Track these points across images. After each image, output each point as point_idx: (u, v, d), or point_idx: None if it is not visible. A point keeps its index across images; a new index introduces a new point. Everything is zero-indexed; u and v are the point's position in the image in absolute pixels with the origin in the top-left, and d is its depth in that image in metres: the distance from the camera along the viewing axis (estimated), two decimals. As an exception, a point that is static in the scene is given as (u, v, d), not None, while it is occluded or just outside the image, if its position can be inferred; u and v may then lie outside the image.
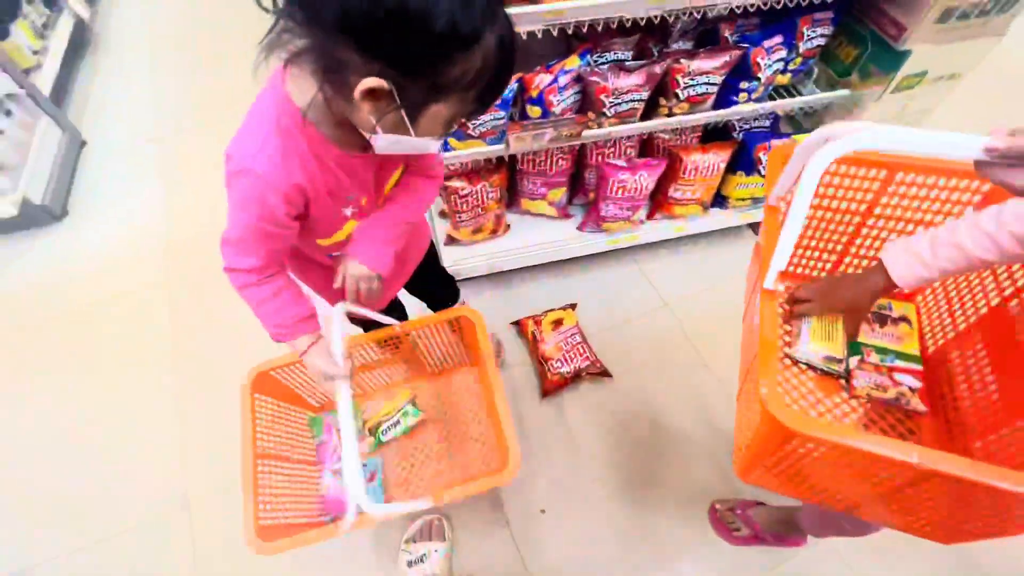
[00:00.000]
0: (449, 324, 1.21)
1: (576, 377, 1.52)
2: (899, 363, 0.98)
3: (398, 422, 1.35)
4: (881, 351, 1.00)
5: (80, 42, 2.59)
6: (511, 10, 1.00)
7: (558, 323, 1.61)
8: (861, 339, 1.01)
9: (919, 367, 0.98)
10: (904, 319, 1.03)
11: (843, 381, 0.98)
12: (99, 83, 2.50)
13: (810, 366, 0.99)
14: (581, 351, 1.54)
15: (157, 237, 1.90)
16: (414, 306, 1.34)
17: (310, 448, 1.31)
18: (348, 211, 0.79)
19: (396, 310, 1.28)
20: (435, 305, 1.37)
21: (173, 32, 2.74)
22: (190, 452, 1.46)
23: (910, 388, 0.95)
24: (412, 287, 1.23)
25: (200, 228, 1.90)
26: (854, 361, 0.99)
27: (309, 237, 0.81)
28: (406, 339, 1.20)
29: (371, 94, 0.55)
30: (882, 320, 1.03)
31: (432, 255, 1.19)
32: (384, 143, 0.63)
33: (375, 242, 0.85)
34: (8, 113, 1.89)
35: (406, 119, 0.59)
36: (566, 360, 1.52)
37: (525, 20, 1.01)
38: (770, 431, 0.65)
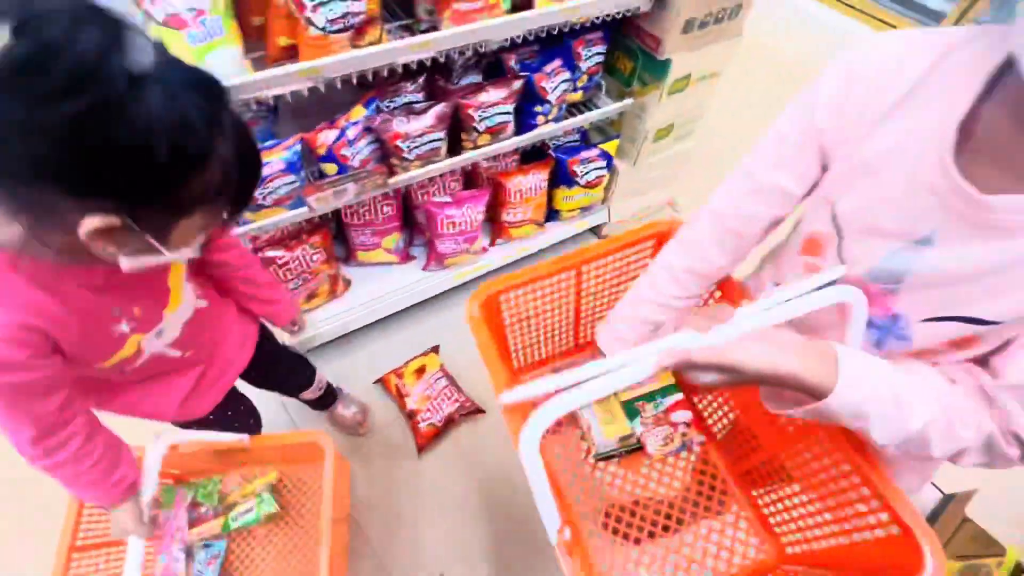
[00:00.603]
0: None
1: (449, 423, 1.47)
2: (668, 399, 0.95)
3: (251, 509, 1.19)
4: (650, 398, 0.95)
5: None
6: (268, 73, 0.94)
7: (421, 371, 1.55)
8: (625, 396, 0.95)
9: (680, 395, 0.96)
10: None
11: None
12: None
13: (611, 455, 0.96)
14: (449, 394, 1.49)
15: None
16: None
17: None
18: (123, 326, 0.68)
19: (248, 414, 1.13)
20: (291, 392, 1.25)
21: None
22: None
23: (685, 423, 0.94)
24: (256, 379, 1.11)
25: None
26: (639, 425, 0.94)
27: (87, 367, 0.68)
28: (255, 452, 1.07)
29: (101, 232, 0.47)
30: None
31: (266, 337, 1.06)
32: (132, 264, 0.54)
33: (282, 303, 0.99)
34: None
35: (152, 241, 0.51)
36: (434, 408, 1.46)
37: (282, 82, 0.94)
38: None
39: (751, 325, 0.52)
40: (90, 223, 0.46)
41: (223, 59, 0.90)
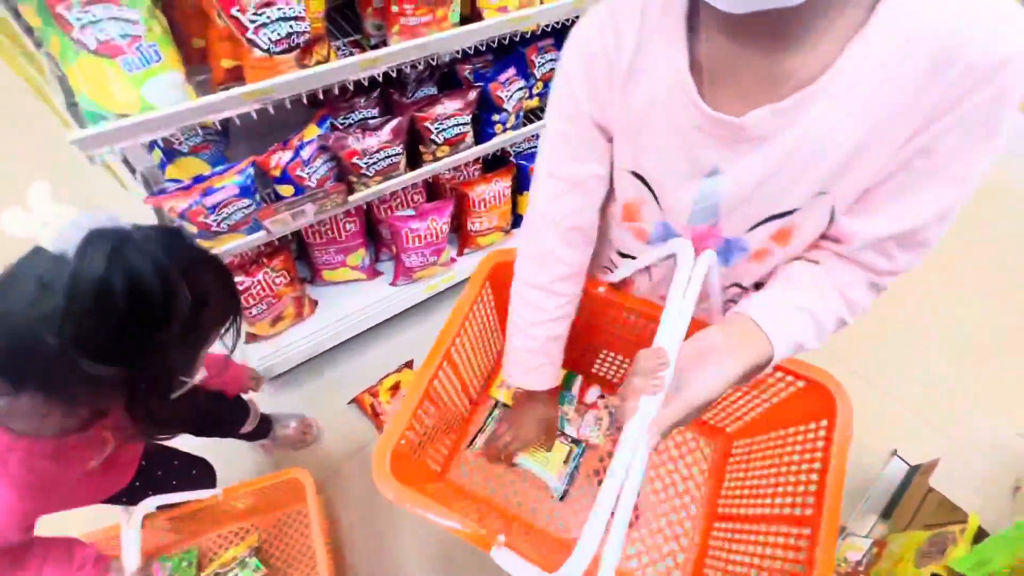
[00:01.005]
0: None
1: (427, 438, 1.45)
2: (574, 388, 1.08)
3: (236, 574, 1.16)
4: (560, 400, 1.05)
5: None
6: (212, 98, 0.91)
7: (396, 387, 1.53)
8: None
9: (579, 376, 1.09)
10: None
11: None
12: None
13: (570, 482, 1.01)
14: (426, 409, 1.48)
15: None
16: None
17: None
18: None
19: (187, 467, 1.10)
20: (229, 433, 1.21)
21: None
22: None
23: (600, 396, 1.03)
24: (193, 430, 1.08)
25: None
26: (568, 426, 1.03)
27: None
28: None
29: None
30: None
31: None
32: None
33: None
34: None
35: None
36: (412, 425, 1.44)
37: (228, 106, 0.92)
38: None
39: (677, 350, 0.54)
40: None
41: (162, 86, 0.87)
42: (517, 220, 1.77)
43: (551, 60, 1.46)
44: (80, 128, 0.85)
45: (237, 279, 1.27)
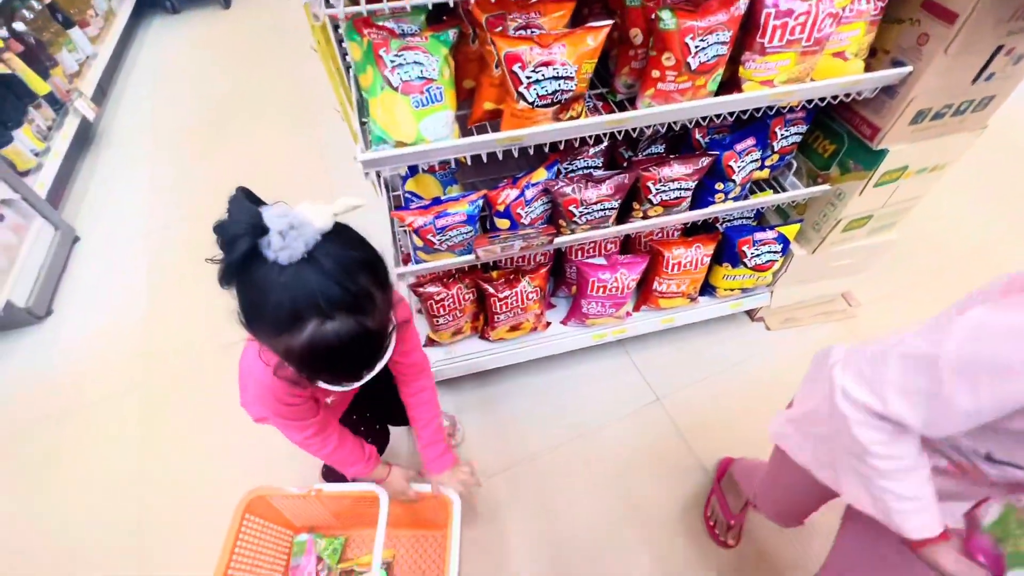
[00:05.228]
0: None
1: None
2: None
3: None
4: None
5: (84, 139, 2.69)
6: (473, 139, 0.99)
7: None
8: None
9: None
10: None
11: None
12: (99, 178, 2.57)
13: None
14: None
15: (135, 344, 1.86)
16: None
17: (279, 569, 1.28)
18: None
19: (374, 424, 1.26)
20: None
21: (176, 126, 2.85)
22: (149, 574, 1.36)
23: None
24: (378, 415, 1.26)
25: (177, 332, 1.87)
26: None
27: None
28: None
29: None
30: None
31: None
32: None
33: (440, 454, 1.10)
34: (0, 218, 1.92)
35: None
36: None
37: (483, 147, 0.99)
38: None
39: None
40: None
41: (437, 123, 0.97)
42: (705, 290, 1.65)
43: (796, 134, 1.33)
44: (365, 149, 0.99)
45: (433, 288, 1.38)
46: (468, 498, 1.45)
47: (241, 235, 0.56)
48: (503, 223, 1.20)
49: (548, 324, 1.60)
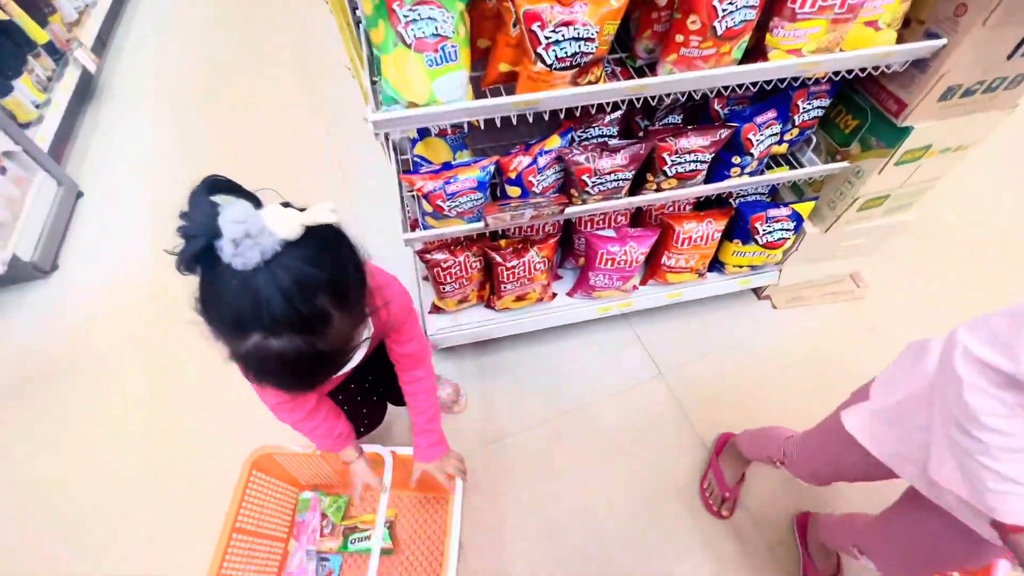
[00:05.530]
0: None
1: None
2: None
3: (368, 538, 1.31)
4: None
5: (85, 92, 2.63)
6: (486, 102, 0.96)
7: (545, 396, 1.54)
8: None
9: None
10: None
11: None
12: (101, 132, 2.53)
13: None
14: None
15: (142, 298, 1.87)
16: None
17: (285, 524, 1.33)
18: None
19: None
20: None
21: (179, 81, 2.78)
22: (156, 525, 1.40)
23: None
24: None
25: (183, 286, 1.87)
26: None
27: None
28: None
29: None
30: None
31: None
32: None
33: (432, 444, 1.08)
34: (2, 171, 1.90)
35: None
36: (552, 439, 1.44)
37: (496, 111, 0.96)
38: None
39: None
40: None
41: (451, 83, 0.94)
42: (713, 266, 1.63)
43: (818, 108, 1.29)
44: (376, 109, 0.96)
45: (440, 256, 1.36)
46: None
47: (195, 236, 0.53)
48: (514, 191, 1.18)
49: (554, 295, 1.60)
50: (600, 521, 1.38)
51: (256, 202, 0.58)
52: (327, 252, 0.58)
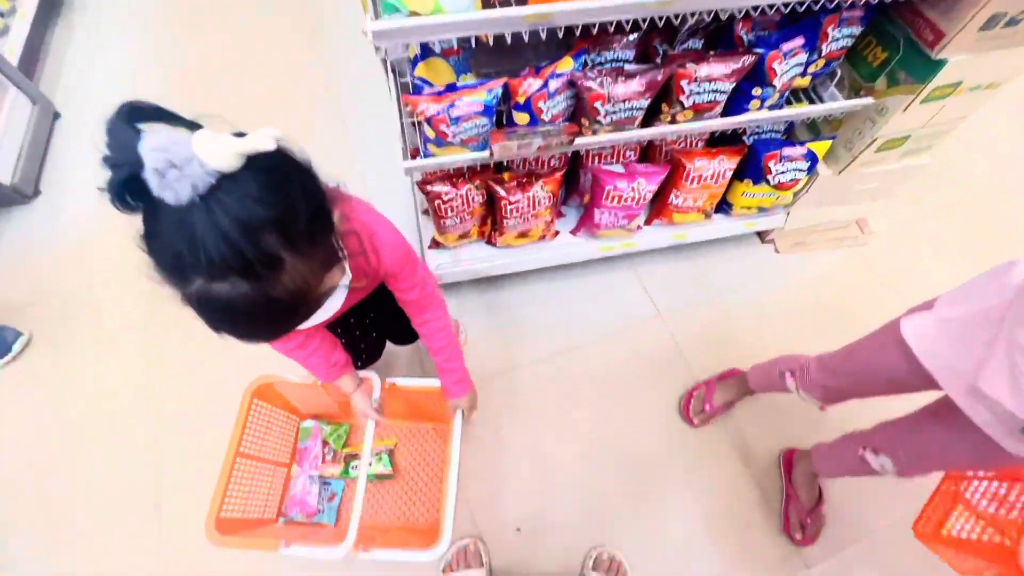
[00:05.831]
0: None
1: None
2: None
3: (369, 464, 1.33)
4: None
5: (52, 3, 2.42)
6: (494, 13, 0.87)
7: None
8: None
9: None
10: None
11: None
12: (74, 47, 2.35)
13: None
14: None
15: (131, 224, 1.81)
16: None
17: (287, 451, 1.37)
18: None
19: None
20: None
21: (154, -9, 2.56)
22: (161, 450, 1.43)
23: None
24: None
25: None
26: None
27: None
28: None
29: None
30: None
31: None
32: None
33: (455, 382, 1.08)
34: (-30, 85, 1.77)
35: None
36: (550, 375, 1.46)
37: (505, 25, 0.88)
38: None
39: None
40: None
41: (458, -10, 0.86)
42: (722, 206, 1.59)
43: (848, 36, 1.20)
44: (375, 19, 0.88)
45: (441, 187, 1.31)
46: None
47: (116, 166, 0.47)
48: (522, 117, 1.12)
49: (557, 233, 1.56)
50: (595, 456, 1.42)
51: (194, 130, 0.50)
52: (274, 185, 0.51)
